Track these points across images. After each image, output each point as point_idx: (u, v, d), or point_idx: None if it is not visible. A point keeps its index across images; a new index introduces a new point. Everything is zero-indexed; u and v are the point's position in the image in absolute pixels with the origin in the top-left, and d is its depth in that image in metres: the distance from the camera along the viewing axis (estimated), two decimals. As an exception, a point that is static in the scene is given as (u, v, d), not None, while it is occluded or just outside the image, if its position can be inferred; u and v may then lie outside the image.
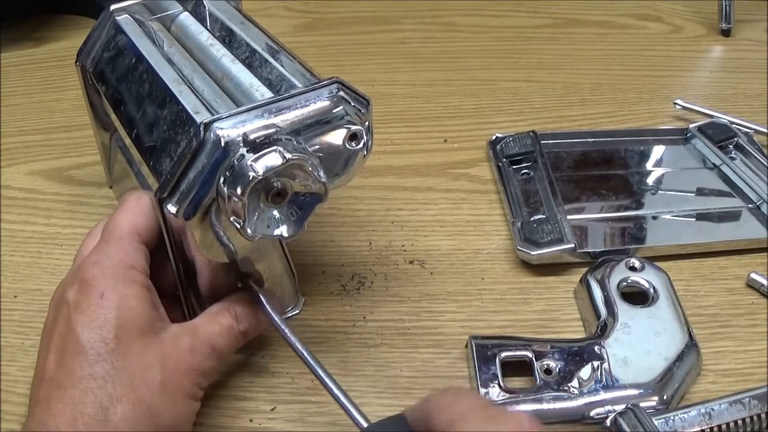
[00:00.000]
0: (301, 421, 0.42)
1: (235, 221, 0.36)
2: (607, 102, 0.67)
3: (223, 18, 0.48)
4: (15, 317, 0.47)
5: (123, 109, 0.44)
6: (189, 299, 0.42)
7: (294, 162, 0.36)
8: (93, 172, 0.58)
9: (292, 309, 0.47)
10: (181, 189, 0.37)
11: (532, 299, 0.49)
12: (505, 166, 0.58)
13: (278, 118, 0.37)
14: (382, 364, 0.45)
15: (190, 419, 0.38)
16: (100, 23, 0.48)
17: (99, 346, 0.35)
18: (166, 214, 0.37)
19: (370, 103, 0.40)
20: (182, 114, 0.39)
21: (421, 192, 0.57)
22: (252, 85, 0.41)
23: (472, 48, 0.75)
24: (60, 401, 0.34)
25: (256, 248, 0.41)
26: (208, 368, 0.38)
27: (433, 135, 0.63)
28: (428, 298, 0.49)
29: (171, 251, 0.39)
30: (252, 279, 0.42)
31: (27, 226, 0.54)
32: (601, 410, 0.41)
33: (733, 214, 0.55)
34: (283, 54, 0.43)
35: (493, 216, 0.55)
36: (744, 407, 0.40)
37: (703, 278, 0.50)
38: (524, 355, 0.43)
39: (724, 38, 0.77)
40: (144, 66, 0.43)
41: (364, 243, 0.53)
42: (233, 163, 0.36)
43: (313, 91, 0.38)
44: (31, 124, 0.64)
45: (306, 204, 0.38)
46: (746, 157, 0.58)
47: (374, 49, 0.74)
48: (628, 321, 0.45)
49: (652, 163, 0.60)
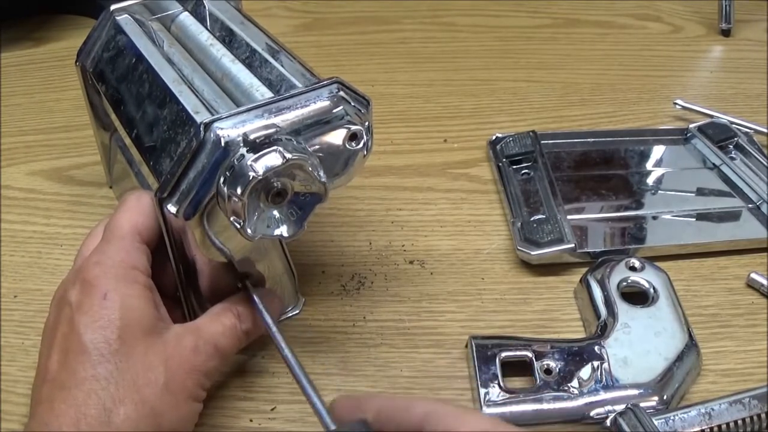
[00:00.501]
0: (301, 421, 0.42)
1: (235, 221, 0.36)
2: (607, 102, 0.67)
3: (223, 18, 0.48)
4: (15, 317, 0.47)
5: (123, 109, 0.44)
6: (189, 299, 0.42)
7: (294, 162, 0.36)
8: (93, 172, 0.58)
9: (292, 309, 0.47)
10: (181, 189, 0.37)
11: (532, 299, 0.49)
12: (505, 166, 0.58)
13: (278, 118, 0.37)
14: (382, 364, 0.45)
15: (192, 420, 0.38)
16: (100, 23, 0.48)
17: (102, 346, 0.35)
18: (166, 214, 0.37)
19: (370, 103, 0.40)
20: (182, 114, 0.39)
21: (421, 192, 0.57)
22: (252, 85, 0.41)
23: (472, 48, 0.75)
24: (63, 402, 0.34)
25: (256, 248, 0.41)
26: (211, 368, 0.38)
27: (433, 135, 0.63)
28: (428, 298, 0.49)
29: (171, 251, 0.39)
30: (252, 279, 0.42)
31: (27, 226, 0.54)
32: (601, 410, 0.41)
33: (733, 214, 0.55)
34: (283, 54, 0.43)
35: (493, 216, 0.55)
36: (744, 407, 0.40)
37: (703, 278, 0.50)
38: (524, 355, 0.43)
39: (724, 38, 0.77)
40: (144, 66, 0.43)
41: (364, 243, 0.53)
42: (233, 163, 0.36)
43: (313, 91, 0.38)
44: (31, 124, 0.64)
45: (306, 204, 0.38)
46: (746, 157, 0.58)
47: (374, 49, 0.74)
48: (628, 321, 0.45)
49: (652, 163, 0.60)
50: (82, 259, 0.39)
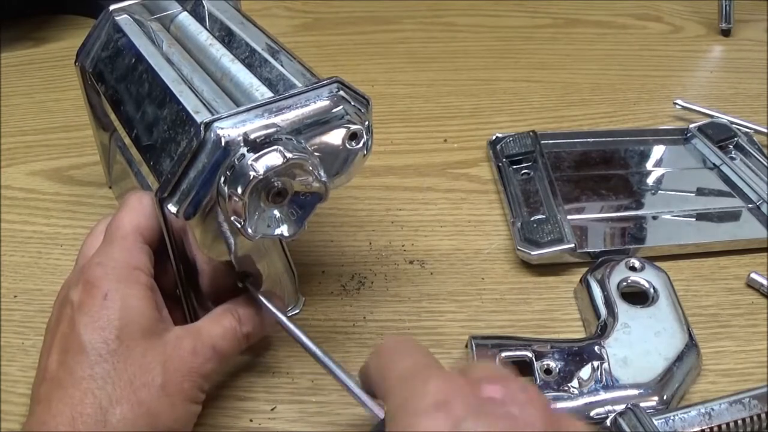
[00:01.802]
0: (301, 421, 0.42)
1: (236, 221, 0.36)
2: (607, 102, 0.67)
3: (222, 18, 0.48)
4: (15, 317, 0.47)
5: (123, 109, 0.44)
6: (189, 299, 0.42)
7: (294, 161, 0.36)
8: (93, 172, 0.58)
9: (292, 308, 0.47)
10: (182, 189, 0.37)
11: (532, 299, 0.49)
12: (505, 166, 0.58)
13: (278, 117, 0.37)
14: (382, 364, 0.45)
15: (189, 422, 0.38)
16: (100, 23, 0.48)
17: (100, 346, 0.35)
18: (167, 214, 0.37)
19: (369, 103, 0.40)
20: (182, 114, 0.39)
21: (421, 192, 0.57)
22: (252, 85, 0.41)
23: (472, 48, 0.75)
24: (60, 401, 0.34)
25: (257, 248, 0.41)
26: (209, 371, 0.38)
27: (433, 135, 0.63)
28: (428, 298, 0.49)
29: (171, 251, 0.39)
30: (252, 278, 0.42)
31: (27, 226, 0.54)
32: (601, 410, 0.41)
33: (733, 214, 0.55)
34: (282, 54, 0.43)
35: (493, 216, 0.55)
36: (744, 407, 0.40)
37: (703, 278, 0.50)
38: (524, 355, 0.43)
39: (724, 38, 0.77)
40: (144, 66, 0.43)
41: (364, 243, 0.53)
42: (234, 162, 0.36)
43: (313, 90, 0.38)
44: (31, 124, 0.64)
45: (306, 203, 0.38)
46: (746, 157, 0.58)
47: (374, 49, 0.74)
48: (628, 321, 0.45)
49: (652, 163, 0.60)
50: (84, 258, 0.39)
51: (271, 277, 0.44)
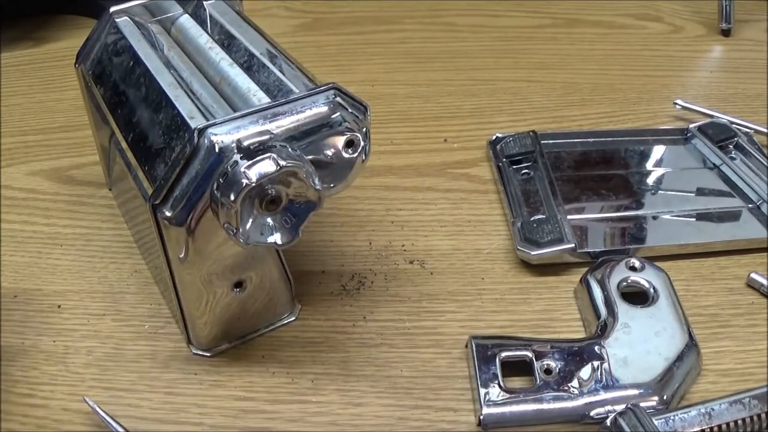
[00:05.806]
0: (301, 421, 0.42)
1: (229, 228, 0.36)
2: (607, 102, 0.67)
3: (222, 21, 0.47)
4: (15, 317, 0.47)
5: (120, 112, 0.44)
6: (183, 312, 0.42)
7: (288, 169, 0.35)
8: (93, 172, 0.58)
9: (287, 316, 0.47)
10: (175, 195, 0.36)
11: (532, 299, 0.49)
12: (505, 166, 0.58)
13: (273, 124, 0.37)
14: (382, 364, 0.45)
15: None
16: (100, 25, 0.48)
17: None
18: (160, 220, 0.37)
19: (368, 109, 0.39)
20: (177, 119, 0.39)
21: (421, 192, 0.57)
22: (249, 90, 0.41)
23: (472, 48, 0.75)
24: None
25: (251, 255, 0.41)
26: None
27: (433, 135, 0.63)
28: (428, 298, 0.49)
29: (164, 257, 0.39)
30: (246, 286, 0.42)
31: (27, 226, 0.54)
32: (601, 410, 0.41)
33: (733, 214, 0.55)
34: (281, 59, 0.43)
35: (493, 216, 0.55)
36: (744, 407, 0.40)
37: (703, 278, 0.50)
38: (524, 355, 0.43)
39: (724, 38, 0.77)
40: (141, 69, 0.43)
41: (364, 243, 0.53)
42: (227, 169, 0.35)
43: (310, 96, 0.38)
44: (31, 124, 0.64)
45: (300, 211, 0.37)
46: (746, 157, 0.58)
47: (374, 49, 0.74)
48: (628, 321, 0.45)
49: (652, 163, 0.60)
50: None
51: (266, 284, 0.43)
